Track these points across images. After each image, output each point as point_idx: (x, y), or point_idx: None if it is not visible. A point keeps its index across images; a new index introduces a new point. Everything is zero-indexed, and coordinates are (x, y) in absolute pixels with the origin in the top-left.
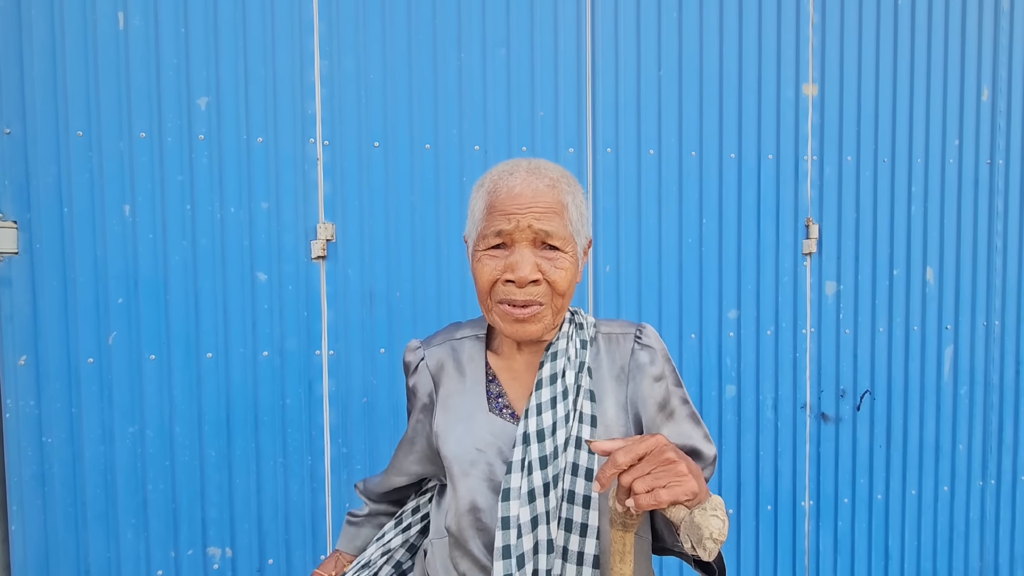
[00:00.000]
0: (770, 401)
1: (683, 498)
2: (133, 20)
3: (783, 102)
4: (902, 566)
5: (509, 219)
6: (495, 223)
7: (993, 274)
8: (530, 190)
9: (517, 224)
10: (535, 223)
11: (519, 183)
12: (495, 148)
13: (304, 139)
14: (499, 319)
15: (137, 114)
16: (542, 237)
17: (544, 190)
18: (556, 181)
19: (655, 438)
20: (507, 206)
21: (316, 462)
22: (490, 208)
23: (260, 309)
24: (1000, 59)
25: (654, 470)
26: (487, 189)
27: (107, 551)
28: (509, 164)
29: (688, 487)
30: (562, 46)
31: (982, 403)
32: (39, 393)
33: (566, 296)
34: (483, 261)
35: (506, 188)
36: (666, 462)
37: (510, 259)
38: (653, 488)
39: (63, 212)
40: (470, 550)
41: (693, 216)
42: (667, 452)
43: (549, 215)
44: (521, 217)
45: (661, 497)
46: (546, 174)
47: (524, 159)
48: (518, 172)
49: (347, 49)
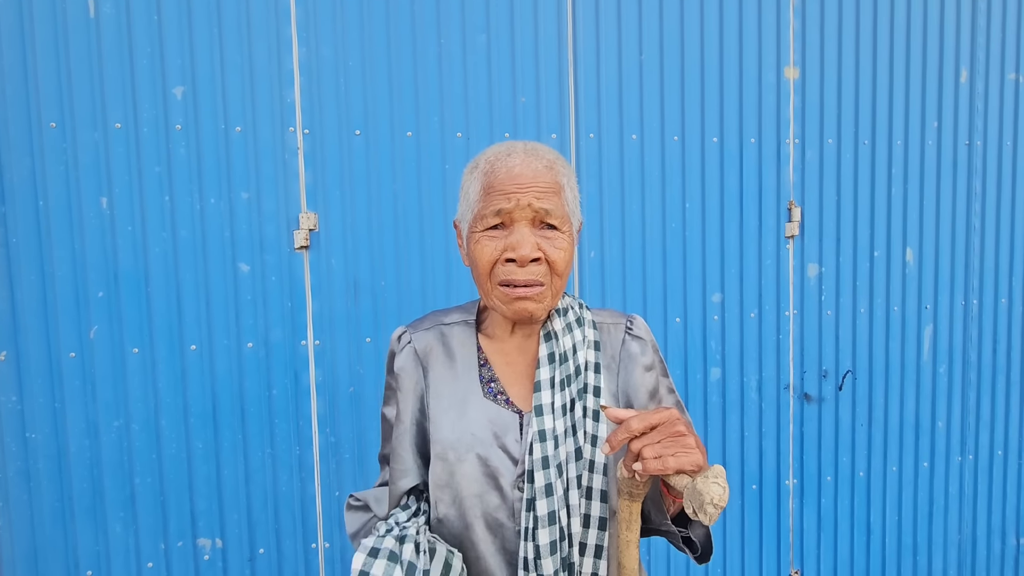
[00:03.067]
0: (754, 383)
1: (688, 468)
2: (104, 7)
3: (765, 86)
4: (884, 540)
5: (509, 198)
6: (494, 203)
7: (971, 254)
8: (529, 170)
9: (518, 203)
10: (535, 202)
11: (518, 163)
12: (477, 135)
13: (284, 128)
14: (499, 301)
15: (111, 104)
16: (542, 216)
17: (542, 170)
18: (552, 163)
19: (669, 411)
20: (506, 186)
21: (304, 451)
22: (487, 188)
23: (243, 300)
24: (978, 41)
25: (664, 439)
26: (483, 170)
27: (96, 545)
28: (504, 146)
29: (694, 458)
30: (543, 31)
31: (960, 381)
32: (21, 389)
33: (563, 276)
34: (482, 242)
35: (505, 168)
36: (676, 434)
37: (510, 239)
38: (662, 455)
39: (39, 205)
40: (471, 536)
41: (676, 200)
42: (678, 425)
43: (548, 195)
44: (521, 196)
45: (668, 464)
46: (543, 155)
47: (519, 141)
48: (515, 153)
49: (325, 36)
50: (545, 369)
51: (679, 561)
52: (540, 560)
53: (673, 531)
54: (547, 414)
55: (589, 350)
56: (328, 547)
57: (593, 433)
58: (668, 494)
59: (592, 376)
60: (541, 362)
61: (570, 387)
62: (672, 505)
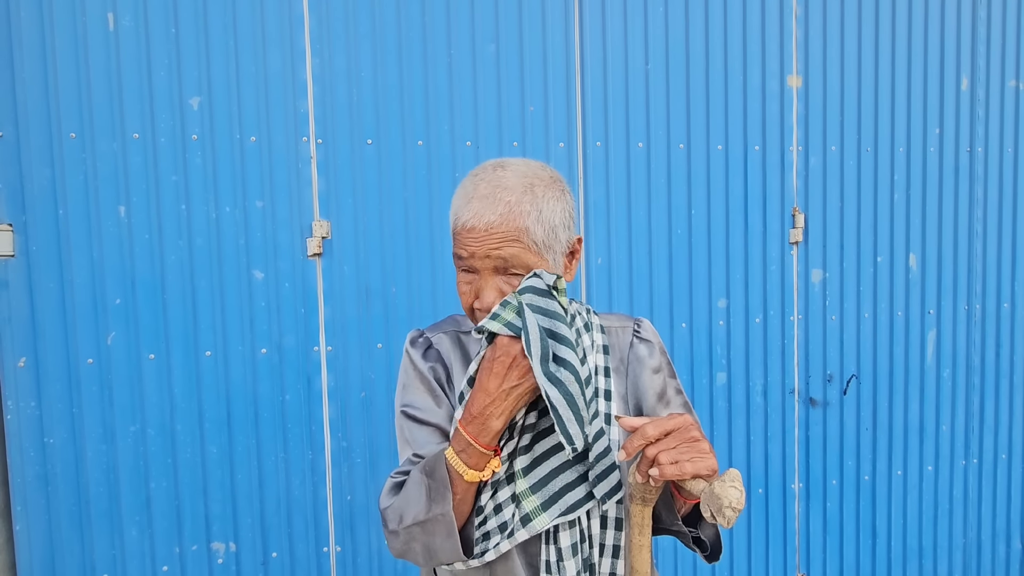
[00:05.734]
0: (760, 387)
1: (704, 472)
2: (123, 21)
3: (768, 94)
4: (889, 544)
5: (465, 250)
6: (457, 248)
7: (974, 259)
8: (482, 224)
9: (473, 254)
10: (493, 252)
11: (472, 216)
12: (486, 143)
13: (297, 137)
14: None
15: (129, 115)
16: (501, 264)
17: (497, 221)
18: (514, 204)
19: (683, 417)
20: (463, 237)
21: (317, 456)
22: (453, 231)
23: (257, 307)
24: (978, 49)
25: (679, 445)
26: (452, 210)
27: (112, 549)
28: (469, 185)
29: (710, 463)
30: (550, 42)
31: (964, 385)
32: (40, 394)
33: None
34: (459, 284)
35: (461, 221)
36: (691, 439)
37: (476, 284)
38: (678, 461)
39: (58, 214)
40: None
41: (682, 207)
42: (693, 431)
43: (505, 243)
44: (478, 248)
45: (685, 469)
46: (502, 198)
47: (490, 169)
48: (474, 200)
49: (338, 47)
50: None
51: (686, 561)
52: (563, 563)
53: (684, 531)
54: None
55: (598, 354)
56: (340, 551)
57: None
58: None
59: (602, 380)
60: None
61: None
62: (683, 506)
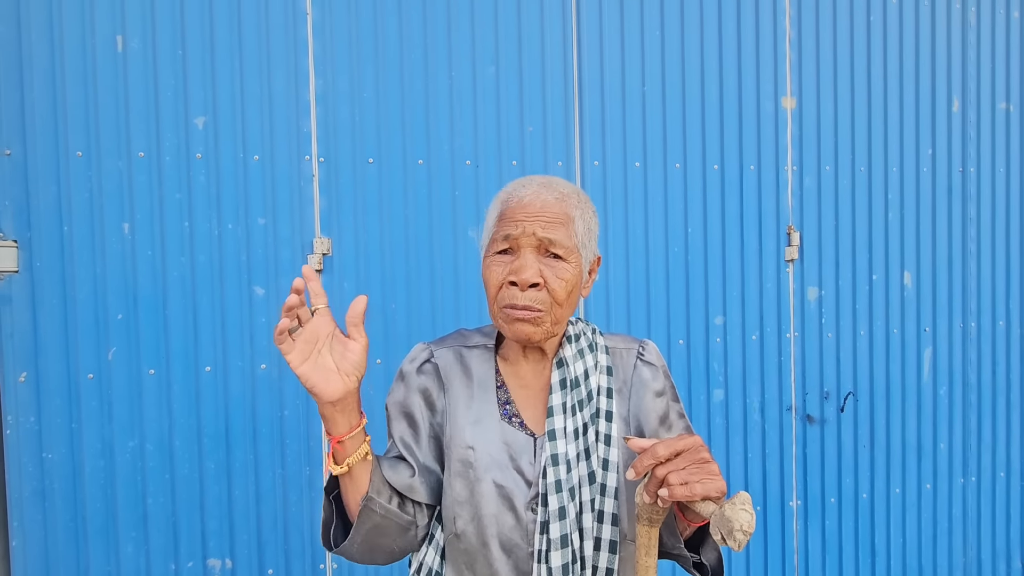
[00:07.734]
0: (757, 404)
1: (714, 494)
2: (131, 43)
3: (763, 115)
4: (888, 563)
5: (516, 225)
6: (504, 228)
7: (968, 277)
8: (539, 200)
9: (523, 230)
10: (540, 231)
11: (529, 194)
12: (486, 163)
13: (300, 156)
14: (502, 321)
15: (136, 134)
16: (546, 244)
17: (552, 202)
18: (565, 196)
19: (693, 438)
20: (516, 214)
21: (314, 472)
22: (501, 216)
23: (258, 323)
24: (969, 71)
25: (689, 466)
26: (501, 200)
27: (108, 565)
28: (525, 179)
29: (720, 485)
30: (549, 63)
31: (961, 402)
32: (39, 409)
33: (564, 306)
34: (491, 266)
35: (517, 198)
36: (701, 461)
37: (515, 263)
38: (688, 482)
39: (63, 231)
40: (487, 555)
41: (679, 226)
42: (703, 452)
43: (555, 224)
44: (528, 224)
45: (695, 490)
46: (557, 188)
47: (540, 175)
48: (531, 185)
49: (341, 68)
50: (557, 395)
51: None
52: None
53: (685, 555)
54: (560, 438)
55: (601, 375)
56: (336, 568)
57: (605, 457)
58: (683, 518)
59: (604, 401)
60: (553, 388)
61: (582, 411)
62: (687, 528)
